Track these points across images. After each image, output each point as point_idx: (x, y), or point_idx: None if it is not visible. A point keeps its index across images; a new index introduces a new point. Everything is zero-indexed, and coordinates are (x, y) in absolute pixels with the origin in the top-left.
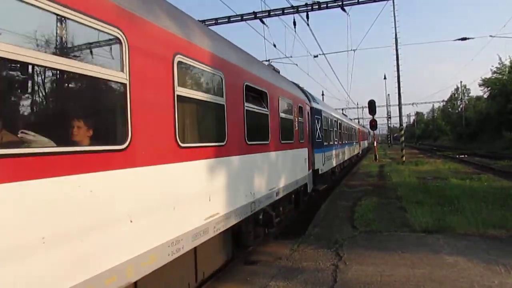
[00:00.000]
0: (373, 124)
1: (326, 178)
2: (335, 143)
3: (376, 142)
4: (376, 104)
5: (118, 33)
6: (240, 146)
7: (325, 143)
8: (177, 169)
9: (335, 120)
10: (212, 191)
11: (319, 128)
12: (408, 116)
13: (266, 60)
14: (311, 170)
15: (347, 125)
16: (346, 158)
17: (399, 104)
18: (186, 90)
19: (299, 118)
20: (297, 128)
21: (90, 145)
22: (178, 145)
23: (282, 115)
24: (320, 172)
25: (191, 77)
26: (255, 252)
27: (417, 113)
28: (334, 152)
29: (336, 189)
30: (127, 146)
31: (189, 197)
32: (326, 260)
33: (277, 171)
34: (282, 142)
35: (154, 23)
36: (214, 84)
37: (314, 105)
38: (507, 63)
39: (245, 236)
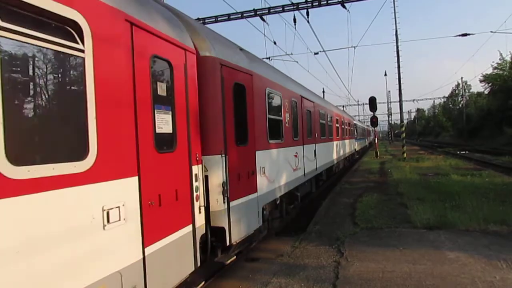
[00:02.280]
0: (374, 121)
1: (357, 153)
2: (359, 137)
3: (377, 139)
4: (377, 101)
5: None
6: (340, 137)
7: (357, 137)
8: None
9: (358, 126)
10: (339, 149)
11: (355, 131)
12: (409, 112)
13: (267, 58)
14: (354, 148)
15: (362, 127)
16: (362, 147)
17: (400, 101)
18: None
19: (352, 128)
20: (353, 132)
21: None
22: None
23: (351, 128)
24: (356, 150)
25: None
26: (257, 249)
27: (418, 110)
28: (359, 141)
29: (337, 186)
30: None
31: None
32: (328, 256)
33: (350, 145)
34: (350, 135)
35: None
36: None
37: (354, 121)
38: (508, 58)
39: (346, 163)
